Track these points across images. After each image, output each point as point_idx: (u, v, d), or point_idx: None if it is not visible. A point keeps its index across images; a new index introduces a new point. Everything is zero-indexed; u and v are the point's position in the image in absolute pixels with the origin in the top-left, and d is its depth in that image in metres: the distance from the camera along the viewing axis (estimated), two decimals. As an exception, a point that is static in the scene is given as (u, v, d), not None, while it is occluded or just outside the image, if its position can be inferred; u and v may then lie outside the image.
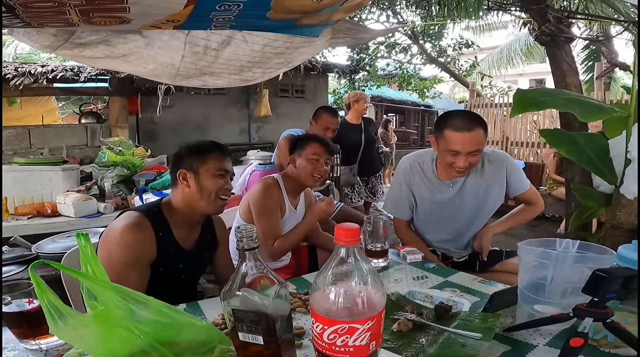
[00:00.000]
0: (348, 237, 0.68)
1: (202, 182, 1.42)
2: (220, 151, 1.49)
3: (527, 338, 0.99)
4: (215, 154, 1.46)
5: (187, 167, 1.44)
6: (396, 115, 15.69)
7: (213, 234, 1.61)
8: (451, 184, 1.81)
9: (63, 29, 1.68)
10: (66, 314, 0.69)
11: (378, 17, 8.68)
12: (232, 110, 7.26)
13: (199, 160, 1.44)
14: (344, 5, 1.63)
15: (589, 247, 1.02)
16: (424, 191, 1.85)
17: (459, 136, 1.59)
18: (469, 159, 1.62)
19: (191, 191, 1.42)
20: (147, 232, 1.33)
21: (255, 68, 2.29)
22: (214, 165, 1.44)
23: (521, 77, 20.54)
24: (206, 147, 1.48)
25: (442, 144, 1.65)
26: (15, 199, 2.92)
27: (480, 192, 1.80)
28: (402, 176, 1.90)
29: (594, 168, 1.08)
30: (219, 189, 1.43)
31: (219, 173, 1.44)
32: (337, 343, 0.68)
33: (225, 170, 1.47)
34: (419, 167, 1.87)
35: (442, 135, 1.64)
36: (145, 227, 1.34)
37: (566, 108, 0.98)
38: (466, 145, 1.59)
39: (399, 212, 1.93)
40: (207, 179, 1.42)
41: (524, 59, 10.29)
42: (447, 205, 1.83)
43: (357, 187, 3.41)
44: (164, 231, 1.39)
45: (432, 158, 1.85)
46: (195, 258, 1.50)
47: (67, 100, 7.72)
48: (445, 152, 1.66)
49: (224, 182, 1.45)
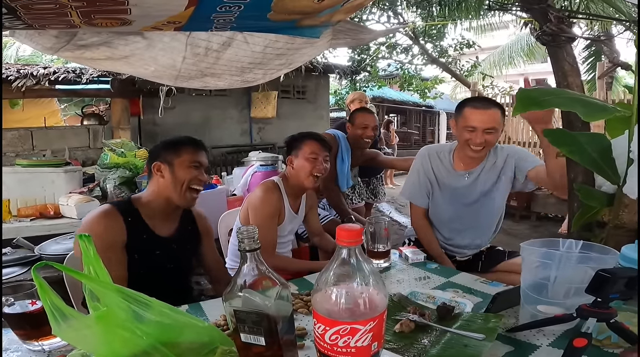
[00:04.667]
0: (350, 238, 0.68)
1: (175, 173, 1.48)
2: (193, 145, 1.55)
3: (530, 339, 0.99)
4: (188, 148, 1.52)
5: (162, 160, 1.50)
6: (397, 115, 15.70)
7: (194, 226, 1.65)
8: (466, 174, 1.89)
9: (64, 30, 1.68)
10: (69, 315, 0.70)
11: (379, 17, 8.70)
12: (234, 112, 7.28)
13: (173, 153, 1.50)
14: (344, 6, 1.63)
15: (592, 247, 1.01)
16: (440, 177, 1.94)
17: (476, 113, 1.71)
18: (484, 136, 1.71)
19: (165, 181, 1.49)
20: (114, 218, 1.40)
21: (256, 69, 2.29)
22: (187, 157, 1.50)
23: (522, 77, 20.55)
24: (180, 141, 1.55)
25: (461, 121, 1.76)
26: (17, 201, 2.92)
27: (490, 184, 1.87)
28: (420, 163, 1.99)
29: (596, 168, 1.08)
30: (192, 179, 1.49)
31: (192, 165, 1.50)
32: (339, 344, 0.68)
33: (199, 163, 1.53)
34: (437, 156, 1.96)
35: (462, 114, 1.76)
36: (112, 214, 1.41)
37: (569, 107, 0.97)
38: (483, 122, 1.69)
39: (416, 198, 1.99)
40: (181, 170, 1.48)
41: (525, 59, 10.27)
42: (461, 193, 1.90)
43: (358, 188, 3.39)
44: (133, 217, 1.45)
45: (450, 150, 1.95)
46: (177, 247, 1.53)
47: (69, 102, 7.75)
48: (463, 130, 1.76)
49: (197, 173, 1.51)
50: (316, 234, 2.18)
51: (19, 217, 2.83)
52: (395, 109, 14.50)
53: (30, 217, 2.81)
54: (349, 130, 2.77)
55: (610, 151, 1.08)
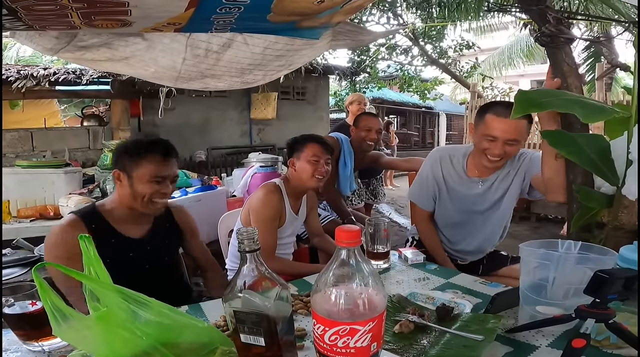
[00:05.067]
0: (349, 239, 0.68)
1: (134, 186, 1.38)
2: (157, 154, 1.40)
3: (529, 339, 0.99)
4: (150, 158, 1.38)
5: (121, 168, 1.40)
6: (397, 117, 15.70)
7: (173, 223, 1.59)
8: (480, 182, 1.79)
9: (65, 31, 1.69)
10: (69, 315, 0.70)
11: (378, 19, 8.70)
12: (233, 113, 7.28)
13: (132, 163, 1.38)
14: (344, 7, 1.63)
15: (590, 248, 1.01)
16: (450, 183, 1.84)
17: (499, 121, 1.55)
18: (504, 148, 1.59)
19: (125, 191, 1.40)
20: (76, 228, 1.34)
21: (256, 70, 2.29)
22: (148, 171, 1.37)
23: (522, 78, 20.54)
24: (142, 148, 1.39)
25: (482, 128, 1.62)
26: (17, 202, 2.93)
27: (502, 191, 1.78)
28: (430, 165, 1.89)
29: (595, 169, 1.08)
30: (153, 194, 1.38)
31: (153, 180, 1.38)
32: (339, 344, 0.68)
33: (162, 177, 1.40)
34: (449, 160, 1.85)
35: (483, 120, 1.61)
36: (75, 224, 1.36)
37: (568, 109, 0.97)
38: (505, 132, 1.56)
39: (422, 201, 1.92)
40: (140, 185, 1.37)
41: (525, 60, 10.29)
42: (472, 201, 1.81)
43: (358, 189, 3.40)
44: (98, 224, 1.39)
45: (465, 154, 1.84)
46: (152, 247, 1.48)
47: (69, 103, 7.75)
48: (482, 138, 1.63)
49: (159, 187, 1.39)
50: (316, 235, 2.18)
51: (19, 218, 2.84)
52: (395, 110, 14.50)
53: (30, 218, 2.81)
54: (352, 133, 2.77)
55: (609, 152, 1.09)
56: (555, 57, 1.34)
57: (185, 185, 3.33)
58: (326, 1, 1.46)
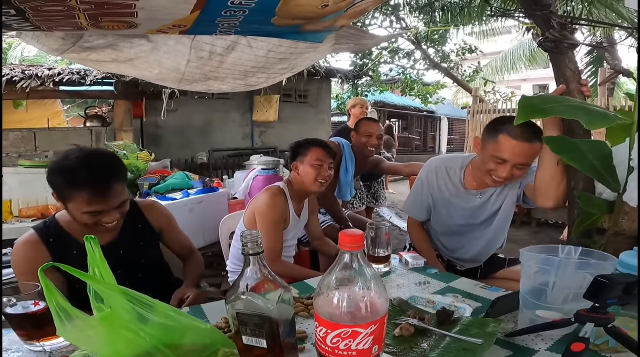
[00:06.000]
0: (352, 243, 0.69)
1: (72, 215, 1.28)
2: (84, 189, 1.20)
3: (529, 343, 0.99)
4: (79, 193, 1.20)
5: (56, 195, 1.27)
6: (399, 120, 15.72)
7: (145, 223, 1.52)
8: (479, 194, 1.74)
9: (71, 32, 1.70)
10: (74, 316, 0.71)
11: (381, 22, 8.73)
12: (236, 115, 7.30)
13: (63, 194, 1.24)
14: (347, 11, 1.64)
15: (590, 253, 1.02)
16: (446, 196, 1.79)
17: (514, 145, 1.44)
18: (512, 171, 1.49)
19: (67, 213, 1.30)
20: (33, 245, 1.29)
21: (259, 73, 2.30)
22: (79, 206, 1.22)
23: (524, 83, 20.52)
24: (70, 179, 1.21)
25: (491, 148, 1.52)
26: (19, 201, 2.94)
27: (500, 201, 1.75)
28: (425, 177, 1.84)
29: (596, 175, 1.08)
30: (95, 223, 1.27)
31: (86, 213, 1.24)
32: (340, 347, 0.69)
33: (96, 211, 1.25)
34: (445, 172, 1.79)
35: (495, 140, 1.50)
36: (32, 241, 1.30)
37: (571, 115, 0.98)
38: (517, 156, 1.46)
39: (415, 211, 1.91)
40: (77, 216, 1.26)
41: (527, 64, 10.30)
42: (469, 213, 1.78)
43: (359, 192, 3.41)
44: (57, 237, 1.32)
45: (462, 165, 1.77)
46: (125, 251, 1.41)
47: (72, 103, 7.78)
48: (490, 158, 1.53)
49: (98, 218, 1.27)
50: (316, 238, 2.19)
51: (21, 217, 2.85)
52: (396, 113, 14.51)
53: (32, 218, 2.82)
54: (353, 138, 2.78)
55: (611, 159, 1.09)
56: (559, 62, 1.34)
57: (187, 186, 3.34)
58: (330, 5, 1.47)
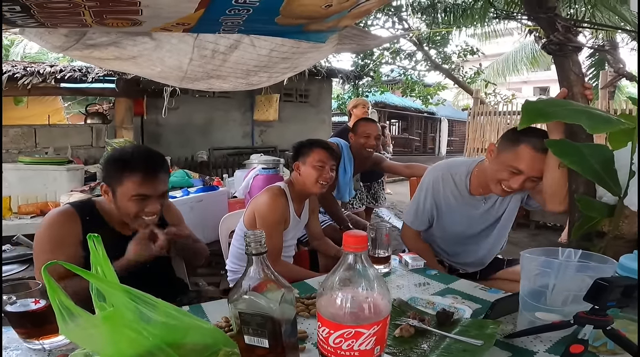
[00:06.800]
0: (357, 244, 0.69)
1: (118, 203, 1.35)
2: (140, 171, 1.33)
3: (528, 345, 1.00)
4: (133, 176, 1.32)
5: (107, 181, 1.37)
6: (399, 121, 15.74)
7: (162, 219, 1.55)
8: (483, 199, 1.72)
9: (74, 29, 1.70)
10: (77, 314, 0.70)
11: (384, 23, 8.73)
12: (236, 114, 7.30)
13: (116, 179, 1.33)
14: (351, 11, 1.64)
15: (590, 256, 1.02)
16: (451, 204, 1.75)
17: (535, 157, 1.40)
18: (525, 183, 1.46)
19: (112, 205, 1.38)
20: (70, 216, 1.36)
21: (261, 72, 2.30)
22: (130, 188, 1.32)
23: (525, 85, 20.56)
24: (127, 162, 1.33)
25: (509, 157, 1.46)
26: (19, 198, 2.93)
27: (504, 206, 1.74)
28: (430, 186, 1.77)
29: (598, 179, 1.08)
30: (138, 212, 1.35)
31: (135, 198, 1.33)
32: (343, 347, 0.69)
33: (144, 195, 1.34)
34: (451, 179, 1.74)
35: (514, 150, 1.44)
36: (69, 212, 1.37)
37: (574, 119, 0.97)
38: (535, 169, 1.42)
39: (416, 222, 1.84)
40: (123, 202, 1.34)
41: (529, 67, 10.30)
42: (474, 220, 1.76)
43: (359, 193, 3.41)
44: (92, 216, 1.39)
45: (468, 171, 1.72)
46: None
47: (73, 101, 7.78)
48: (504, 167, 1.47)
49: (143, 206, 1.35)
50: (316, 238, 2.19)
51: (20, 214, 2.84)
52: (396, 114, 14.52)
53: (31, 215, 2.82)
54: (351, 139, 2.78)
55: (612, 163, 1.09)
56: (563, 65, 1.33)
57: (187, 185, 3.35)
58: (334, 5, 1.47)
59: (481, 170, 1.68)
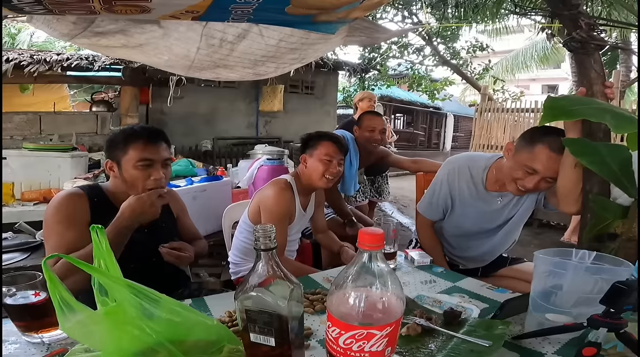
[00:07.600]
0: (372, 242, 0.67)
1: (124, 174, 1.38)
2: (141, 138, 1.38)
3: (536, 346, 0.98)
4: (136, 142, 1.37)
5: (112, 157, 1.41)
6: (404, 116, 15.65)
7: (167, 208, 1.57)
8: (500, 197, 1.70)
9: (83, 17, 1.67)
10: (78, 310, 0.68)
11: (393, 16, 8.65)
12: (241, 104, 7.28)
13: (120, 150, 1.38)
14: (363, 3, 1.61)
15: (604, 258, 1.01)
16: (465, 196, 1.74)
17: (551, 158, 1.40)
18: (540, 184, 1.46)
19: (119, 181, 1.41)
20: (78, 197, 1.37)
21: (269, 63, 2.27)
22: (134, 155, 1.36)
23: (534, 83, 20.38)
24: (129, 133, 1.39)
25: (525, 157, 1.46)
26: (22, 184, 2.93)
27: (519, 205, 1.73)
28: (446, 175, 1.78)
29: (615, 180, 1.06)
30: (144, 180, 1.37)
31: (140, 164, 1.36)
32: (353, 348, 0.67)
33: (149, 160, 1.38)
34: (468, 171, 1.73)
35: (531, 149, 1.45)
36: (78, 194, 1.38)
37: (598, 118, 0.94)
38: (551, 170, 1.41)
39: (430, 211, 1.85)
40: (129, 171, 1.37)
41: (538, 64, 10.21)
42: (488, 217, 1.75)
43: (363, 186, 3.39)
44: (100, 199, 1.41)
45: (485, 167, 1.71)
46: (149, 230, 1.46)
47: (78, 88, 7.78)
48: (520, 166, 1.48)
49: (149, 173, 1.38)
50: (320, 231, 2.16)
51: (23, 201, 2.83)
52: (402, 108, 14.44)
53: (34, 202, 2.81)
54: (356, 133, 2.76)
55: (630, 164, 1.07)
56: (583, 63, 1.30)
57: (191, 174, 3.33)
58: (346, -4, 1.44)
59: (499, 167, 1.67)
